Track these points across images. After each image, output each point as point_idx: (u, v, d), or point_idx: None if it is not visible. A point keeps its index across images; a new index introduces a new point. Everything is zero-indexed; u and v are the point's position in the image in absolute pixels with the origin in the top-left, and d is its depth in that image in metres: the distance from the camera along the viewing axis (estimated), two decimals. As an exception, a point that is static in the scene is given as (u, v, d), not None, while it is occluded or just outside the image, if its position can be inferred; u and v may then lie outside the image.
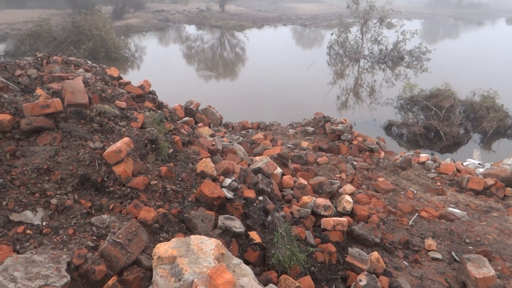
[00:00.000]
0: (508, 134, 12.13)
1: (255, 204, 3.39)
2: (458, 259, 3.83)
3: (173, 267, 2.23)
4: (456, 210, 4.97)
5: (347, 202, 4.20)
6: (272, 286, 2.33)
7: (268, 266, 3.08)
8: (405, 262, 3.75)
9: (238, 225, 3.08)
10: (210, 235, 2.83)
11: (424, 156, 7.04)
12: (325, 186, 4.65)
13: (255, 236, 3.13)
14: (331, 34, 24.18)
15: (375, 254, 3.47)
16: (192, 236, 2.46)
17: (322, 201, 3.98)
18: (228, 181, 3.49)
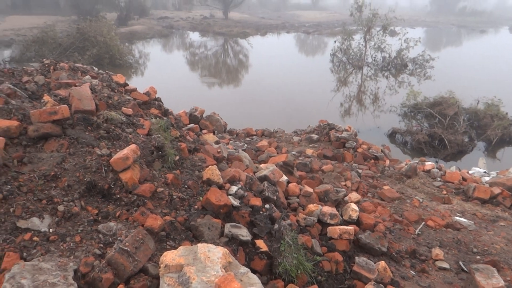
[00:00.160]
0: (513, 143, 12.07)
1: (261, 212, 3.37)
2: (466, 269, 3.79)
3: (180, 276, 2.21)
4: (462, 219, 4.93)
5: (353, 210, 4.17)
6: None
7: (275, 275, 3.05)
8: (412, 272, 3.72)
9: (244, 233, 3.06)
10: (216, 243, 2.81)
11: (429, 164, 7.01)
12: (330, 194, 4.63)
13: (261, 244, 3.10)
14: (334, 41, 24.20)
15: (382, 264, 3.43)
16: (199, 244, 2.45)
17: (328, 209, 3.95)
18: (234, 188, 3.48)
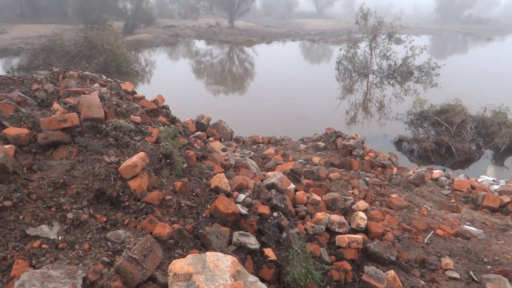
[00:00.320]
0: (521, 151, 11.95)
1: (269, 221, 3.35)
2: (477, 279, 3.73)
3: (189, 285, 2.19)
4: (472, 228, 4.87)
5: (361, 218, 4.13)
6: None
7: (283, 284, 3.02)
8: (422, 281, 3.66)
9: (253, 241, 3.04)
10: (225, 252, 2.79)
11: (437, 172, 6.94)
12: (338, 203, 4.59)
13: (270, 253, 3.08)
14: (340, 49, 24.25)
15: (392, 273, 3.39)
16: (208, 253, 2.43)
17: (336, 217, 3.92)
18: (242, 196, 3.46)
